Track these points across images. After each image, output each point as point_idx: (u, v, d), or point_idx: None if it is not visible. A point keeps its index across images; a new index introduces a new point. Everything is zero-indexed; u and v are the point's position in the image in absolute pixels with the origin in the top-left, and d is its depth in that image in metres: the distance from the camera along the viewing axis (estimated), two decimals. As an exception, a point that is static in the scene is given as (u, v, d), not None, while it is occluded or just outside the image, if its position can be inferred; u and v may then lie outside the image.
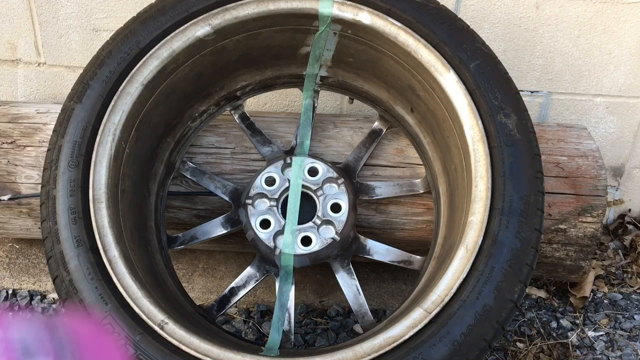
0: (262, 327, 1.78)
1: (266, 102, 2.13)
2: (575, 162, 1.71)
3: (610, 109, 2.05)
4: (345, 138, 1.76)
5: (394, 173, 1.72)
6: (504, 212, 1.30)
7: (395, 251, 1.61)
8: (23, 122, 1.78)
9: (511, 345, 1.75)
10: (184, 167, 1.67)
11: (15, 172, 1.73)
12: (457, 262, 1.27)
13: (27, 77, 2.13)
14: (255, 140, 1.72)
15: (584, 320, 1.86)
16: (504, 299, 1.23)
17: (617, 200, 2.22)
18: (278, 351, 1.39)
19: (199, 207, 1.72)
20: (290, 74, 1.70)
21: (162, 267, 1.50)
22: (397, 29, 1.46)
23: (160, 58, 1.44)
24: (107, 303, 1.22)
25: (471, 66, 1.42)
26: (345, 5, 1.48)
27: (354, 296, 1.57)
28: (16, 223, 1.82)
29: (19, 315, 1.32)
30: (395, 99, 1.65)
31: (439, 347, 1.19)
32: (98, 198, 1.32)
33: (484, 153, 1.36)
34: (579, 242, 1.71)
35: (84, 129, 1.36)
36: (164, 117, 1.55)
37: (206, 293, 1.89)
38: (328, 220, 1.56)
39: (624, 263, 2.09)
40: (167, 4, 1.47)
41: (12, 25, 2.04)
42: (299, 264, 1.53)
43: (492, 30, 1.94)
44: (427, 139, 1.62)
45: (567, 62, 1.98)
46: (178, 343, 1.19)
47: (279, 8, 1.49)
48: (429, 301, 1.24)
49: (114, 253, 1.27)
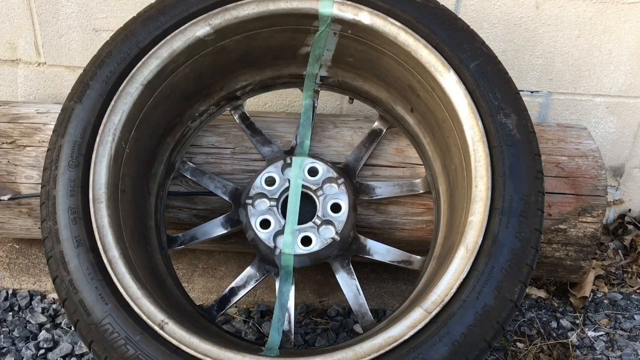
0: (262, 327, 1.78)
1: (266, 102, 2.13)
2: (575, 162, 1.71)
3: (610, 109, 2.05)
4: (345, 138, 1.76)
5: (394, 173, 1.72)
6: (504, 212, 1.30)
7: (395, 251, 1.60)
8: (23, 122, 1.78)
9: (511, 345, 1.75)
10: (184, 167, 1.67)
11: (15, 172, 1.73)
12: (457, 262, 1.27)
13: (27, 77, 2.13)
14: (255, 140, 1.72)
15: (584, 320, 1.86)
16: (504, 299, 1.23)
17: (617, 200, 2.22)
18: (278, 351, 1.39)
19: (199, 207, 1.72)
20: (290, 74, 1.70)
21: (162, 267, 1.50)
22: (397, 29, 1.46)
23: (160, 58, 1.44)
24: (107, 303, 1.22)
25: (471, 66, 1.42)
26: (345, 5, 1.48)
27: (354, 296, 1.57)
28: (16, 223, 1.82)
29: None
30: (395, 99, 1.65)
31: (439, 347, 1.18)
32: (98, 198, 1.32)
33: (484, 153, 1.36)
34: (579, 242, 1.71)
35: (84, 129, 1.36)
36: (164, 117, 1.55)
37: (206, 293, 1.89)
38: (328, 220, 1.56)
39: (624, 263, 2.09)
40: (167, 4, 1.47)
41: (12, 25, 2.04)
42: (299, 264, 1.53)
43: (492, 30, 1.94)
44: (427, 139, 1.62)
45: (567, 62, 1.98)
46: (178, 343, 1.19)
47: (279, 8, 1.49)
48: (429, 301, 1.24)
49: (114, 253, 1.27)
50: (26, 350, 1.68)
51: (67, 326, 1.77)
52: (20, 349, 1.69)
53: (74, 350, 1.69)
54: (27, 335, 1.75)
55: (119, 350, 1.18)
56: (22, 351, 1.68)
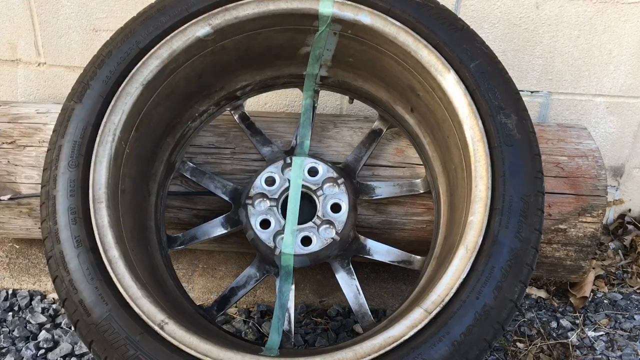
0: (262, 327, 1.78)
1: (266, 102, 2.13)
2: (575, 162, 1.71)
3: (610, 109, 2.05)
4: (345, 138, 1.76)
5: (394, 173, 1.72)
6: (504, 212, 1.30)
7: (395, 251, 1.61)
8: (23, 122, 1.78)
9: (511, 345, 1.75)
10: (184, 167, 1.67)
11: (15, 172, 1.73)
12: (457, 262, 1.27)
13: (27, 77, 2.13)
14: (255, 140, 1.72)
15: (584, 320, 1.86)
16: (504, 299, 1.23)
17: (617, 200, 2.22)
18: (278, 351, 1.39)
19: (199, 207, 1.72)
20: (290, 74, 1.70)
21: (162, 267, 1.50)
22: (397, 29, 1.46)
23: (160, 58, 1.44)
24: (107, 303, 1.22)
25: (471, 66, 1.42)
26: (345, 5, 1.48)
27: (354, 296, 1.57)
28: (16, 223, 1.82)
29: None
30: (395, 99, 1.65)
31: (439, 347, 1.18)
32: (98, 198, 1.32)
33: (484, 153, 1.36)
34: (579, 242, 1.71)
35: (84, 129, 1.36)
36: (164, 117, 1.55)
37: (206, 293, 1.89)
38: (328, 220, 1.56)
39: (624, 263, 2.09)
40: (167, 4, 1.47)
41: (12, 25, 2.04)
42: (299, 264, 1.54)
43: (492, 30, 1.94)
44: (427, 139, 1.62)
45: (567, 62, 1.98)
46: (178, 343, 1.19)
47: (279, 8, 1.49)
48: (429, 301, 1.24)
49: (114, 253, 1.27)
50: (26, 350, 1.68)
51: (67, 326, 1.77)
52: (20, 349, 1.69)
53: (74, 350, 1.69)
54: (27, 335, 1.75)
55: (119, 350, 1.18)
56: (22, 351, 1.68)
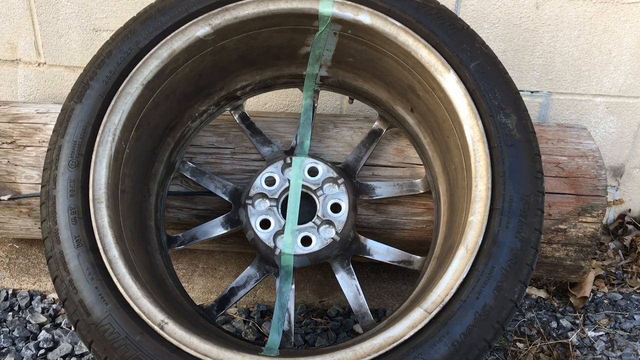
0: (262, 327, 1.78)
1: (266, 102, 2.13)
2: (575, 162, 1.71)
3: (610, 109, 2.05)
4: (345, 138, 1.76)
5: (394, 173, 1.72)
6: (504, 212, 1.30)
7: (395, 251, 1.60)
8: (23, 122, 1.78)
9: (511, 345, 1.75)
10: (184, 167, 1.67)
11: (15, 172, 1.73)
12: (457, 262, 1.27)
13: (27, 77, 2.13)
14: (255, 140, 1.72)
15: (584, 320, 1.86)
16: (504, 299, 1.23)
17: (617, 200, 2.22)
18: (278, 351, 1.39)
19: (199, 207, 1.72)
20: (290, 74, 1.70)
21: (162, 267, 1.50)
22: (397, 29, 1.46)
23: (160, 58, 1.44)
24: (107, 303, 1.22)
25: (471, 66, 1.42)
26: (345, 5, 1.48)
27: (354, 296, 1.57)
28: (16, 223, 1.82)
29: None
30: (395, 99, 1.65)
31: (439, 347, 1.18)
32: (98, 198, 1.32)
33: (484, 153, 1.36)
34: (579, 242, 1.71)
35: (84, 129, 1.36)
36: (164, 117, 1.55)
37: (206, 293, 1.89)
38: (328, 221, 1.56)
39: (624, 263, 2.09)
40: (167, 4, 1.47)
41: (12, 25, 2.04)
42: (299, 264, 1.54)
43: (492, 30, 1.94)
44: (427, 139, 1.62)
45: (567, 62, 1.98)
46: (178, 343, 1.19)
47: (279, 8, 1.49)
48: (429, 301, 1.24)
49: (114, 253, 1.27)
50: (26, 350, 1.68)
51: (67, 326, 1.77)
52: (20, 349, 1.69)
53: (74, 350, 1.69)
54: (27, 335, 1.75)
55: (119, 350, 1.18)
56: (22, 351, 1.68)
